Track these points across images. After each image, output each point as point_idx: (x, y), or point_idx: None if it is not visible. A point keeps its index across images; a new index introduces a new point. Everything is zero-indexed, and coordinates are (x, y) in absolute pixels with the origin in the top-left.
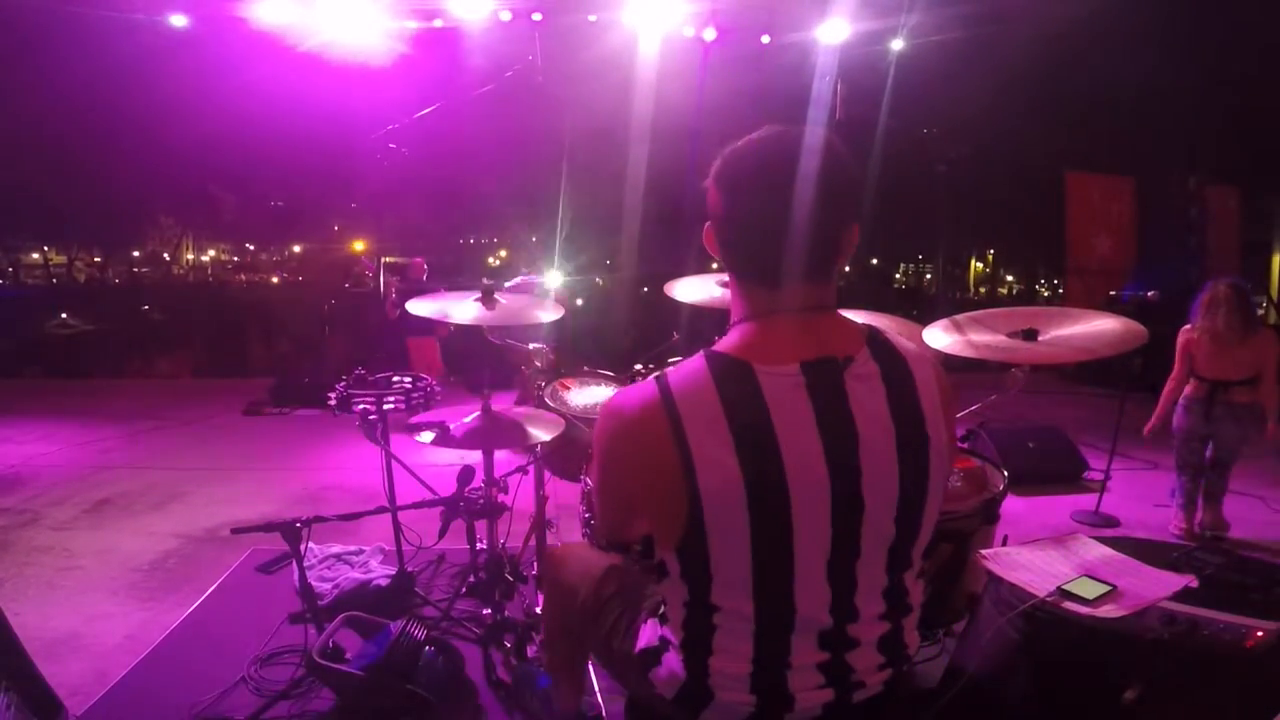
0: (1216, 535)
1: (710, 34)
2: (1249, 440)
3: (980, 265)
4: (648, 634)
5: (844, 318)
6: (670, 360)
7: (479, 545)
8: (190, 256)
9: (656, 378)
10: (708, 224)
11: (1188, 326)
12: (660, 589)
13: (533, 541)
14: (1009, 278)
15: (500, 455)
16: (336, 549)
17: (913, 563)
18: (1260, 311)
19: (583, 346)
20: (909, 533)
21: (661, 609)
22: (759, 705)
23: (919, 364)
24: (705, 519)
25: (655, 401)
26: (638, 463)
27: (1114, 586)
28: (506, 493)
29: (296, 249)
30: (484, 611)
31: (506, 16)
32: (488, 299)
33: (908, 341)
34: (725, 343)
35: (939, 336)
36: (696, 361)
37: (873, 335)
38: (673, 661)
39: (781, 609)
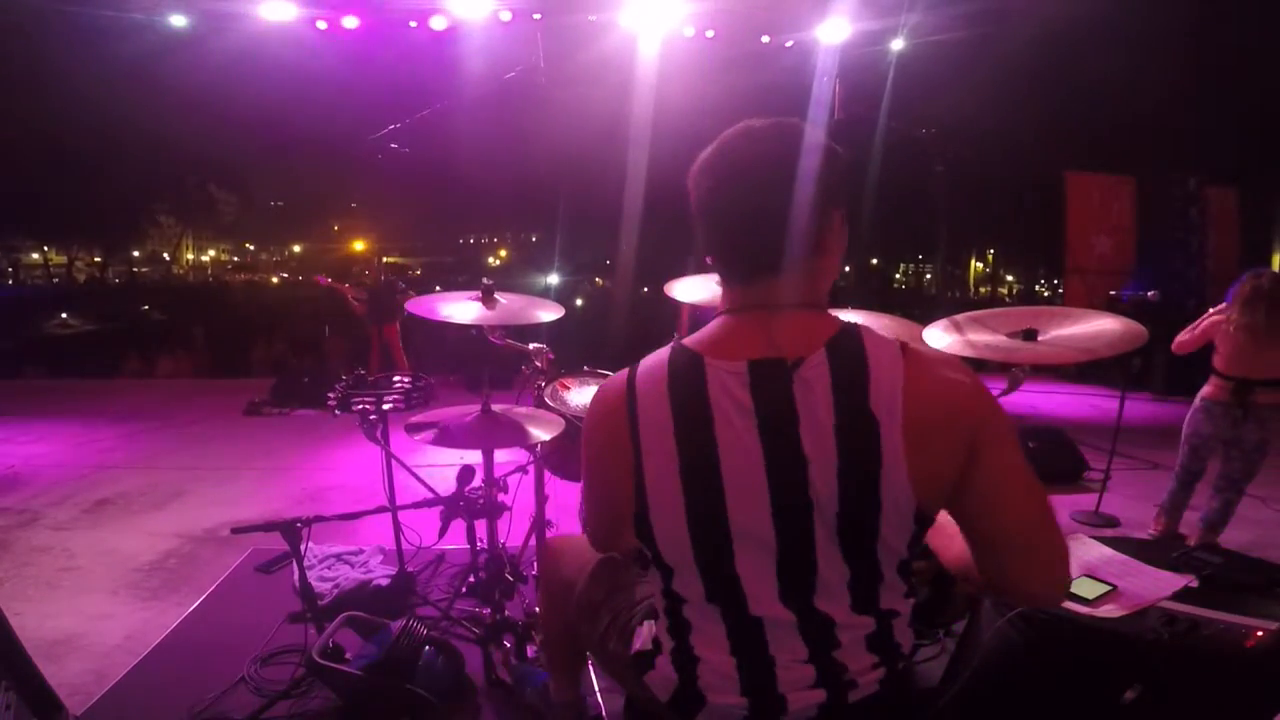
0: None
1: (710, 34)
2: (1267, 451)
3: (980, 265)
4: (644, 636)
5: (812, 316)
6: None
7: (479, 545)
8: (190, 256)
9: (631, 365)
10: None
11: (1221, 306)
12: (648, 579)
13: (533, 541)
14: (1009, 278)
15: (502, 455)
16: (336, 549)
17: (880, 561)
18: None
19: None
20: (867, 530)
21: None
22: (752, 707)
23: (882, 365)
24: (650, 506)
25: (622, 386)
26: (606, 447)
27: (1114, 586)
28: (506, 493)
29: (296, 249)
30: (484, 611)
31: (506, 16)
32: (488, 299)
33: (889, 340)
34: (694, 335)
35: (939, 336)
36: (664, 351)
37: (836, 338)
38: (665, 664)
39: (736, 602)
